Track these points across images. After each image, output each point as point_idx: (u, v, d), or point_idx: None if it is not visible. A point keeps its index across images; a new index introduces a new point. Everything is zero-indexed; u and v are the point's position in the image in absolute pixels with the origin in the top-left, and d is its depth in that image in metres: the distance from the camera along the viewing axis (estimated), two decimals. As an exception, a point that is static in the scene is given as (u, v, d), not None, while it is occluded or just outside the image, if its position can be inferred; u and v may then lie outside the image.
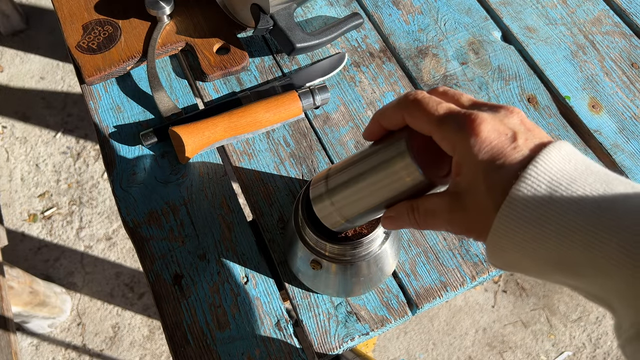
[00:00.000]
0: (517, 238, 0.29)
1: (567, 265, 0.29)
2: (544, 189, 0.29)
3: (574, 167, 0.29)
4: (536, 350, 1.35)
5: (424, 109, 0.32)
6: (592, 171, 0.29)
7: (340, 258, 0.46)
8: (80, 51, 0.64)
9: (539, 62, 0.67)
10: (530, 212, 0.29)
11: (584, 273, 0.28)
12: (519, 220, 0.29)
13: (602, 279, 0.28)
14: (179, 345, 0.51)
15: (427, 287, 0.54)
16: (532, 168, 0.29)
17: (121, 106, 0.63)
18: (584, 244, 0.28)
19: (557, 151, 0.30)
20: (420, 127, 0.33)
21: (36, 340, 1.34)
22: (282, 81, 0.64)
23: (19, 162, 1.57)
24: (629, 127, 0.63)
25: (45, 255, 1.44)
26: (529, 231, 0.29)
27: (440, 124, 0.32)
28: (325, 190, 0.39)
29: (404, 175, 0.34)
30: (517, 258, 0.31)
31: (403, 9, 0.71)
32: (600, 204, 0.28)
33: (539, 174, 0.29)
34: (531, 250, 0.29)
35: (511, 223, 0.29)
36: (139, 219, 0.57)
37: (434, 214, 0.33)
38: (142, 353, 1.34)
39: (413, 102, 0.33)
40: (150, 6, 0.64)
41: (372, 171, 0.36)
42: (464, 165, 0.31)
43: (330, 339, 0.51)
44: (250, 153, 0.61)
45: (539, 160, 0.29)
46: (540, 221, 0.28)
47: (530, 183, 0.29)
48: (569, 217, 0.28)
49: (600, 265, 0.27)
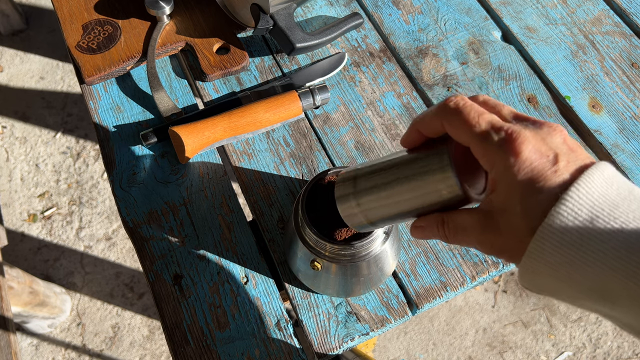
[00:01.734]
0: (553, 261, 0.29)
1: (603, 293, 0.28)
2: (585, 213, 0.28)
3: (617, 191, 0.28)
4: (536, 351, 1.34)
5: (465, 119, 0.31)
6: (636, 196, 0.29)
7: (340, 258, 0.46)
8: (80, 51, 0.64)
9: (539, 62, 0.67)
10: (570, 237, 0.28)
11: (620, 303, 0.28)
12: (556, 243, 0.28)
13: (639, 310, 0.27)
14: (178, 346, 0.51)
15: (427, 287, 0.54)
16: (573, 191, 0.28)
17: (121, 106, 0.63)
18: (623, 274, 0.27)
19: (599, 174, 0.29)
20: (459, 138, 0.32)
21: (36, 340, 1.34)
22: (282, 81, 0.64)
23: (19, 162, 1.57)
24: (629, 127, 0.63)
25: (45, 255, 1.44)
26: (566, 256, 0.28)
27: (481, 138, 0.31)
28: (353, 191, 0.38)
29: (441, 188, 0.33)
30: (550, 282, 0.30)
31: (403, 9, 0.71)
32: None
33: (581, 197, 0.28)
34: (566, 275, 0.29)
35: (548, 246, 0.28)
36: (139, 219, 0.57)
37: (465, 231, 0.33)
38: (142, 353, 1.34)
39: (454, 110, 0.32)
40: (150, 6, 0.64)
41: (408, 179, 0.35)
42: (501, 184, 0.30)
43: (330, 339, 0.51)
44: (250, 153, 0.61)
45: (581, 183, 0.28)
46: (579, 246, 0.28)
47: (571, 206, 0.28)
48: (610, 244, 0.27)
49: (638, 296, 0.27)
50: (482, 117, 0.31)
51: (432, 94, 0.65)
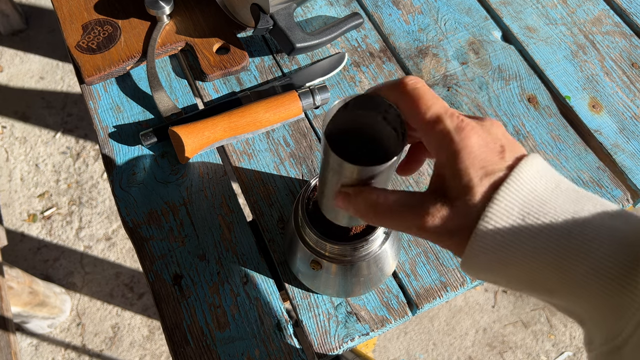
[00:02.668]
0: (490, 260, 0.30)
1: (540, 283, 0.29)
2: (516, 211, 0.29)
3: (545, 185, 0.30)
4: (536, 351, 1.34)
5: (420, 101, 0.32)
6: (562, 190, 0.30)
7: (340, 258, 0.46)
8: (79, 51, 0.64)
9: (539, 62, 0.67)
10: (502, 237, 0.29)
11: (555, 291, 0.29)
12: (491, 244, 0.29)
13: (573, 297, 0.29)
14: (178, 346, 0.51)
15: (427, 287, 0.54)
16: (504, 190, 0.29)
17: (121, 106, 0.63)
18: (554, 266, 0.28)
19: (528, 168, 0.30)
20: (410, 117, 0.32)
21: (36, 340, 1.34)
22: (282, 81, 0.64)
23: (19, 162, 1.57)
24: (629, 127, 0.63)
25: (44, 255, 1.44)
26: (502, 255, 0.29)
27: (432, 122, 0.31)
28: (319, 194, 0.39)
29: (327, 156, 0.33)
30: (490, 277, 0.31)
31: (403, 9, 0.71)
32: (570, 227, 0.28)
33: (512, 195, 0.29)
34: (504, 269, 0.30)
35: (483, 247, 0.30)
36: (139, 219, 0.57)
37: (407, 209, 0.32)
38: (141, 353, 1.34)
39: (411, 90, 0.32)
40: (150, 6, 0.64)
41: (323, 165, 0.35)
42: (449, 169, 0.31)
43: (330, 339, 0.51)
44: (250, 153, 0.61)
45: (511, 181, 0.29)
46: (512, 244, 0.29)
47: (503, 206, 0.29)
48: (541, 239, 0.29)
49: (570, 285, 0.28)
50: (436, 102, 0.32)
51: (432, 94, 0.65)
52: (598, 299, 0.28)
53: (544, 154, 0.61)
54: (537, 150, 0.61)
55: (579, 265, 0.28)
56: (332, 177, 0.35)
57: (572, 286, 0.28)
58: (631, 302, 0.26)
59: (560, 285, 0.29)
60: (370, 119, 0.35)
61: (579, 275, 0.28)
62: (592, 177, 0.60)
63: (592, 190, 0.59)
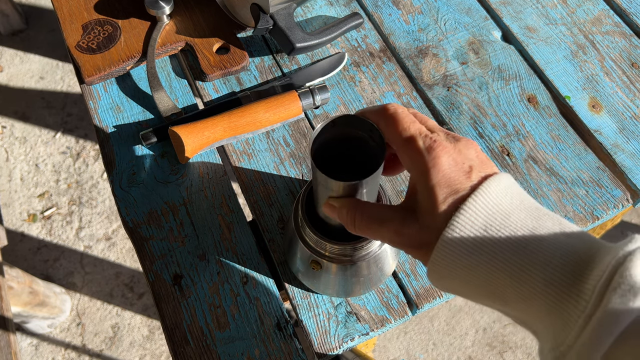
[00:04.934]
0: (453, 266, 0.32)
1: (497, 293, 0.31)
2: (480, 222, 0.31)
3: (510, 201, 0.32)
4: (536, 351, 1.34)
5: (398, 123, 0.35)
6: (526, 206, 0.32)
7: (340, 258, 0.46)
8: (79, 51, 0.64)
9: (539, 62, 0.67)
10: (465, 245, 0.31)
11: (511, 300, 0.31)
12: (455, 251, 0.32)
13: (526, 306, 0.31)
14: (178, 346, 0.51)
15: (427, 287, 0.54)
16: (470, 202, 0.32)
17: (121, 106, 0.63)
18: (511, 275, 0.30)
19: (496, 184, 0.32)
20: (390, 138, 0.36)
21: (36, 340, 1.34)
22: (282, 81, 0.64)
23: (19, 162, 1.57)
24: (629, 127, 0.63)
25: (44, 255, 1.44)
26: (464, 262, 0.32)
27: (408, 142, 0.34)
28: None
29: (315, 172, 0.37)
30: (452, 284, 0.34)
31: (403, 9, 0.71)
32: (528, 241, 0.31)
33: (477, 207, 0.31)
34: (465, 278, 0.32)
35: (447, 253, 0.32)
36: (139, 219, 0.57)
37: (381, 222, 0.36)
38: (141, 353, 1.34)
39: (391, 115, 0.36)
40: (150, 6, 0.64)
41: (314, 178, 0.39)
42: (421, 185, 0.33)
43: (330, 339, 0.51)
44: (250, 153, 0.61)
45: (478, 194, 0.32)
46: (474, 253, 0.31)
47: (468, 216, 0.31)
48: (500, 249, 0.31)
49: (525, 294, 0.30)
50: (412, 125, 0.35)
51: (432, 94, 0.65)
52: (548, 308, 0.29)
53: (544, 153, 0.61)
54: (537, 150, 0.61)
55: (532, 276, 0.30)
56: (320, 190, 0.39)
57: (526, 296, 0.30)
58: (574, 309, 0.28)
59: (516, 295, 0.30)
60: (357, 134, 0.39)
61: (532, 285, 0.30)
62: (592, 177, 0.60)
63: (592, 190, 0.59)
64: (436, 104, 0.64)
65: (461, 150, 0.34)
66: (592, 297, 0.27)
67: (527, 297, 0.30)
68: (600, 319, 0.27)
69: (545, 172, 0.60)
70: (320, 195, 0.40)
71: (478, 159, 0.34)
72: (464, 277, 0.32)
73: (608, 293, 0.27)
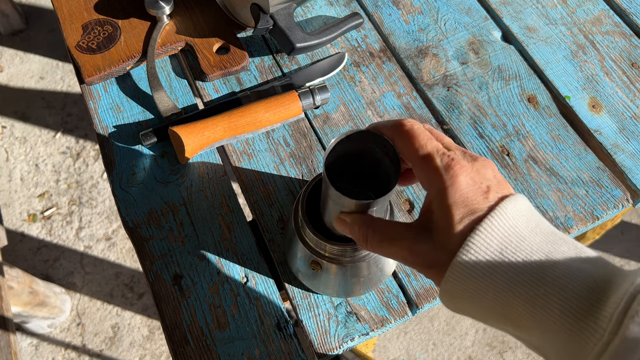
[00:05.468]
0: (467, 288, 0.32)
1: (511, 316, 0.31)
2: (496, 244, 0.31)
3: (525, 224, 0.32)
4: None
5: (415, 140, 0.34)
6: (541, 229, 0.32)
7: (340, 258, 0.46)
8: (79, 51, 0.64)
9: (539, 62, 0.67)
10: (480, 267, 0.31)
11: (525, 325, 0.31)
12: (469, 272, 0.31)
13: (541, 332, 0.30)
14: (178, 346, 0.51)
15: (427, 287, 0.54)
16: (487, 222, 0.31)
17: (121, 106, 0.63)
18: (527, 299, 0.30)
19: (512, 206, 0.32)
20: (405, 155, 0.35)
21: (36, 340, 1.34)
22: (282, 81, 0.64)
23: (19, 162, 1.57)
24: (629, 127, 0.63)
25: (44, 255, 1.44)
26: (478, 284, 0.31)
27: (425, 159, 0.34)
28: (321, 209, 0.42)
29: (327, 189, 0.37)
30: (465, 305, 0.33)
31: (403, 9, 0.71)
32: (545, 265, 0.30)
33: (493, 229, 0.31)
34: (478, 300, 0.32)
35: (462, 275, 0.31)
36: (139, 219, 0.57)
37: (393, 241, 0.35)
38: (141, 353, 1.34)
39: (408, 131, 0.35)
40: (150, 6, 0.64)
41: (325, 193, 0.39)
42: (437, 204, 0.33)
43: (330, 339, 0.51)
44: (250, 153, 0.61)
45: (494, 216, 0.31)
46: (489, 275, 0.31)
47: (484, 237, 0.31)
48: (516, 273, 0.30)
49: (540, 319, 0.30)
50: (429, 142, 0.34)
51: (432, 94, 0.65)
52: (564, 334, 0.29)
53: (544, 153, 0.61)
54: (537, 150, 0.61)
55: (548, 302, 0.29)
56: (332, 205, 0.38)
57: (541, 321, 0.30)
58: (591, 337, 0.28)
59: (531, 319, 0.30)
60: (371, 149, 0.39)
61: (548, 311, 0.29)
62: (592, 177, 0.60)
63: (592, 190, 0.59)
64: (436, 104, 0.64)
65: (479, 170, 0.33)
66: (609, 324, 0.27)
67: (542, 323, 0.30)
68: (618, 347, 0.26)
69: (545, 172, 0.60)
70: (330, 208, 0.39)
71: (495, 179, 0.34)
72: (477, 300, 0.32)
73: (626, 321, 0.27)
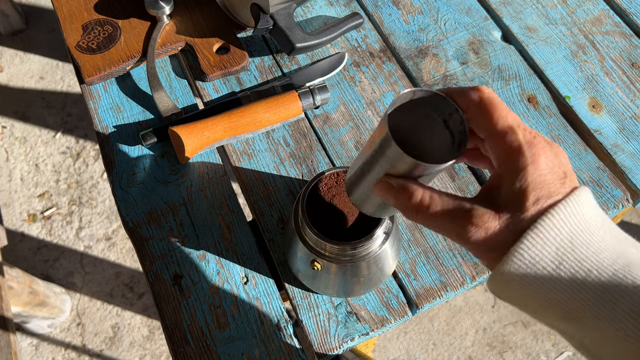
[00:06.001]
0: (526, 279, 0.29)
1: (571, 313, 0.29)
2: (565, 234, 0.29)
3: (594, 219, 0.30)
4: (536, 351, 1.34)
5: (495, 110, 0.31)
6: (608, 226, 0.30)
7: (340, 258, 0.46)
8: (79, 51, 0.64)
9: (539, 62, 0.67)
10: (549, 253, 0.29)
11: (588, 325, 0.28)
12: (532, 261, 0.29)
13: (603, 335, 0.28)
14: (178, 346, 0.51)
15: (427, 287, 0.54)
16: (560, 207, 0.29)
17: (121, 106, 0.63)
18: (594, 300, 0.28)
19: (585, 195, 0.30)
20: (480, 124, 0.32)
21: (36, 340, 1.34)
22: (282, 81, 0.64)
23: (19, 162, 1.57)
24: (629, 127, 0.63)
25: (44, 255, 1.44)
26: (540, 276, 0.29)
27: (503, 132, 0.30)
28: (349, 182, 0.38)
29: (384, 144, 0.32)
30: (519, 296, 0.30)
31: (403, 9, 0.71)
32: (614, 264, 0.28)
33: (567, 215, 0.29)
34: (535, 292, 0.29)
35: (523, 262, 0.29)
36: (139, 219, 0.57)
37: (452, 214, 0.31)
38: (141, 353, 1.34)
39: (487, 98, 0.31)
40: (150, 6, 0.64)
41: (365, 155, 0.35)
42: (509, 180, 0.30)
43: (330, 339, 0.51)
44: (250, 153, 0.61)
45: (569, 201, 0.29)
46: (554, 268, 0.29)
47: (556, 222, 0.29)
48: (584, 268, 0.28)
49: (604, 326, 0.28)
50: (510, 114, 0.31)
51: (432, 94, 0.65)
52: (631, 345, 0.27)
53: (544, 154, 0.61)
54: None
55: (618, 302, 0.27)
56: (380, 164, 0.33)
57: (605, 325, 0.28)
58: None
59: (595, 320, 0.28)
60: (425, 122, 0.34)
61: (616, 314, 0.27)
62: (592, 177, 0.60)
63: (592, 190, 0.59)
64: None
65: (557, 154, 0.31)
66: None
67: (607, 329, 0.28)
68: None
69: (545, 172, 0.60)
70: (373, 171, 0.34)
71: (568, 166, 0.31)
72: (534, 291, 0.29)
73: None
